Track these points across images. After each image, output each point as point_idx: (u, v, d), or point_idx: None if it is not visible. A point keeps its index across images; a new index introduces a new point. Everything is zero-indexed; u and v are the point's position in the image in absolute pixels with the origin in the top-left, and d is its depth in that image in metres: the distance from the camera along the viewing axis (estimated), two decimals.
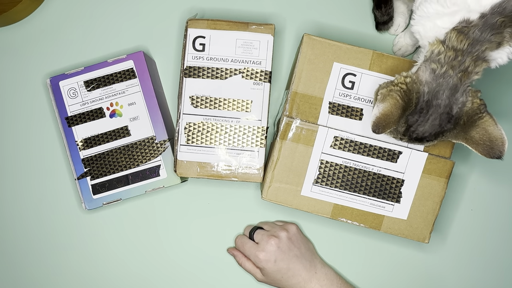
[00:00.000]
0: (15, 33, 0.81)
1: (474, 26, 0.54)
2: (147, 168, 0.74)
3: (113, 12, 0.81)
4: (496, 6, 0.53)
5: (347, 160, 0.70)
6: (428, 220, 0.71)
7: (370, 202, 0.70)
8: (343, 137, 0.69)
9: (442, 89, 0.57)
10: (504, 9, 0.53)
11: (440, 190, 0.70)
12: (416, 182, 0.70)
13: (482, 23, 0.54)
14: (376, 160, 0.70)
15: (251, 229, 0.75)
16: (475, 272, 0.79)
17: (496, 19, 0.53)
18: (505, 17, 0.53)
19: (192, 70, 0.73)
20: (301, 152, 0.70)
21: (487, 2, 0.53)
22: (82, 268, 0.78)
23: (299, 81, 0.70)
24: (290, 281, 0.70)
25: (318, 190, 0.70)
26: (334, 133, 0.69)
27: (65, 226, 0.79)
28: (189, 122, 0.73)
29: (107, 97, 0.74)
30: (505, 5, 0.53)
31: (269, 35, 0.73)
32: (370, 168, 0.70)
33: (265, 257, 0.70)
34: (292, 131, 0.69)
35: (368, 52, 0.70)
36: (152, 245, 0.78)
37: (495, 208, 0.79)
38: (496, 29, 0.53)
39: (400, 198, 0.70)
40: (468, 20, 0.54)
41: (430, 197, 0.70)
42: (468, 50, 0.55)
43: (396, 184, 0.70)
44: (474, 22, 0.54)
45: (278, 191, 0.71)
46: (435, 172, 0.70)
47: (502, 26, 0.53)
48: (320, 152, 0.70)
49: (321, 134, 0.69)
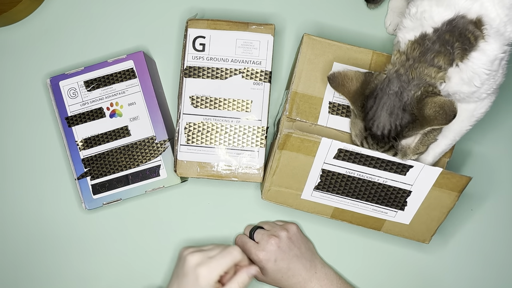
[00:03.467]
0: (15, 33, 0.81)
1: (428, 39, 0.59)
2: (147, 168, 0.74)
3: (113, 12, 0.81)
4: (446, 23, 0.58)
5: (351, 170, 0.67)
6: (431, 226, 0.70)
7: (372, 208, 0.70)
8: (348, 149, 0.65)
9: (395, 81, 0.61)
10: (454, 26, 0.58)
11: (449, 202, 0.68)
12: (425, 194, 0.68)
13: (436, 36, 0.59)
14: (383, 172, 0.67)
15: (251, 228, 0.75)
16: (475, 272, 0.79)
17: (446, 35, 0.59)
18: (452, 33, 0.58)
19: (192, 70, 0.73)
20: (302, 161, 0.68)
21: (438, 18, 0.59)
22: (82, 268, 0.78)
23: (299, 81, 0.70)
24: (290, 280, 0.70)
25: (318, 195, 0.70)
26: (338, 145, 0.66)
27: (65, 226, 0.79)
28: (189, 122, 0.73)
29: (107, 97, 0.74)
30: (455, 23, 0.58)
31: (269, 35, 0.73)
32: (376, 178, 0.67)
33: (265, 256, 0.70)
34: (291, 142, 0.67)
35: (368, 52, 0.70)
36: (152, 245, 0.78)
37: (495, 208, 0.79)
38: (446, 43, 0.59)
39: (405, 207, 0.69)
40: (425, 34, 0.60)
41: (437, 208, 0.68)
42: (418, 56, 0.60)
43: (402, 194, 0.68)
44: (428, 36, 0.59)
45: (278, 194, 0.71)
46: (447, 186, 0.67)
47: (452, 41, 0.58)
48: (322, 162, 0.67)
49: (324, 145, 0.66)
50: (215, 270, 0.61)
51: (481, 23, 0.58)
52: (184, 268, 0.63)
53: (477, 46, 0.58)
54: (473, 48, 0.58)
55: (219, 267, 0.61)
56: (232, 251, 0.63)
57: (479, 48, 0.58)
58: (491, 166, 0.80)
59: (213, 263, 0.62)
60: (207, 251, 0.64)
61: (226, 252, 0.63)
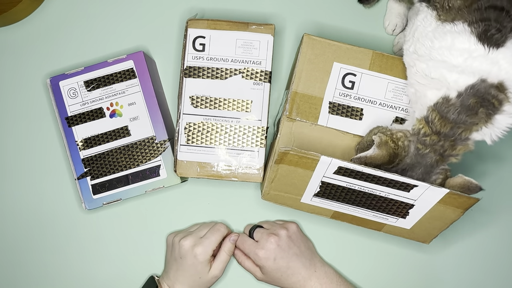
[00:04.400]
0: (15, 33, 0.81)
1: (452, 106, 0.59)
2: (147, 168, 0.74)
3: (113, 12, 0.81)
4: (469, 87, 0.58)
5: (352, 184, 0.65)
6: (433, 232, 0.69)
7: (372, 214, 0.69)
8: (349, 167, 0.63)
9: (419, 166, 0.63)
10: (477, 90, 0.58)
11: (453, 216, 0.66)
12: (428, 209, 0.66)
13: (459, 103, 0.59)
14: (385, 188, 0.65)
15: (251, 227, 0.75)
16: (475, 272, 0.79)
17: (470, 100, 0.58)
18: (477, 98, 0.58)
19: (192, 70, 0.73)
20: (300, 173, 0.66)
21: (463, 83, 0.58)
22: (82, 268, 0.78)
23: (299, 81, 0.70)
24: (290, 279, 0.70)
25: (318, 201, 0.70)
26: (338, 163, 0.62)
27: (65, 226, 0.79)
28: (189, 122, 0.73)
29: (107, 97, 0.74)
30: (477, 87, 0.58)
31: (269, 35, 0.73)
32: (378, 192, 0.65)
33: (264, 255, 0.70)
34: (289, 158, 0.64)
35: (368, 52, 0.70)
36: (152, 245, 0.78)
37: (495, 209, 0.79)
38: (470, 110, 0.59)
39: (407, 216, 0.68)
40: (448, 98, 0.60)
41: (440, 219, 0.67)
42: (449, 133, 0.61)
43: (405, 207, 0.67)
44: (452, 101, 0.59)
45: (277, 197, 0.71)
46: (453, 204, 0.64)
47: (476, 107, 0.59)
48: (321, 176, 0.65)
49: (323, 163, 0.63)
50: (209, 247, 0.70)
51: (503, 87, 0.58)
52: (181, 251, 0.70)
53: (501, 110, 0.59)
54: (498, 111, 0.59)
55: (212, 243, 0.70)
56: (220, 228, 0.72)
57: (504, 112, 0.59)
58: (491, 165, 0.80)
59: (206, 241, 0.70)
60: (196, 231, 0.72)
61: (214, 230, 0.72)
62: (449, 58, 0.59)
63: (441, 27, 0.60)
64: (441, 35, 0.60)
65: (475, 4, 0.59)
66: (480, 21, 0.58)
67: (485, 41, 0.57)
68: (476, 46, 0.58)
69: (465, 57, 0.58)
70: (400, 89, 0.70)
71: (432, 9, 0.62)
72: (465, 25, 0.58)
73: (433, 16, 0.61)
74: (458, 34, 0.58)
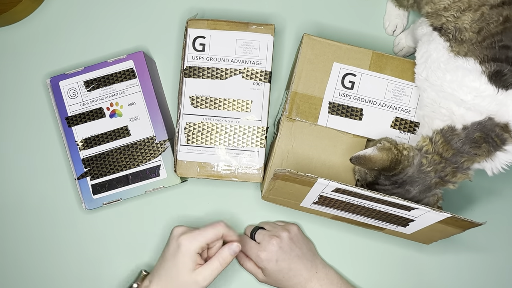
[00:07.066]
0: (15, 33, 0.81)
1: (456, 135, 0.60)
2: (147, 168, 0.74)
3: (113, 12, 0.81)
4: (476, 123, 0.60)
5: (351, 199, 0.65)
6: (433, 238, 0.70)
7: (372, 221, 0.70)
8: (347, 189, 0.62)
9: (418, 183, 0.63)
10: (483, 126, 0.59)
11: (454, 232, 0.66)
12: (428, 224, 0.65)
13: (464, 135, 0.60)
14: (385, 207, 0.64)
15: (252, 229, 0.75)
16: (475, 272, 0.79)
17: (475, 134, 0.60)
18: (483, 133, 0.60)
19: (192, 70, 0.73)
20: (298, 188, 0.65)
21: (469, 118, 0.60)
22: (82, 268, 0.78)
23: (299, 81, 0.70)
24: (291, 281, 0.70)
25: (317, 207, 0.70)
26: (335, 185, 0.61)
27: (65, 226, 0.79)
28: (189, 122, 0.73)
29: (107, 97, 0.74)
30: (484, 123, 0.59)
31: (269, 35, 0.73)
32: (377, 207, 0.65)
33: (266, 257, 0.70)
34: (285, 177, 0.63)
35: (368, 52, 0.70)
36: (152, 245, 0.78)
37: (495, 208, 0.79)
38: (475, 143, 0.60)
39: (407, 226, 0.68)
40: (454, 128, 0.61)
41: (441, 233, 0.67)
42: (451, 159, 0.61)
43: (405, 220, 0.66)
44: (457, 131, 0.61)
45: (277, 200, 0.71)
46: (454, 225, 0.64)
47: (480, 141, 0.60)
48: (320, 192, 0.65)
49: (321, 184, 0.62)
50: (196, 240, 0.63)
51: (508, 128, 0.59)
52: (169, 238, 0.65)
53: (502, 149, 0.60)
54: (499, 149, 0.60)
55: (201, 238, 0.63)
56: (217, 226, 0.65)
57: (506, 151, 0.60)
58: None
59: (195, 233, 0.63)
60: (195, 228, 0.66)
61: (210, 226, 0.65)
62: (458, 93, 0.59)
63: (453, 61, 0.61)
64: (453, 69, 0.60)
65: (488, 40, 0.59)
66: (492, 60, 0.58)
67: (495, 82, 0.58)
68: (486, 86, 0.58)
69: (474, 95, 0.59)
70: (399, 89, 0.70)
71: (445, 40, 0.62)
72: (476, 63, 0.59)
73: (446, 48, 0.62)
74: (469, 72, 0.59)
